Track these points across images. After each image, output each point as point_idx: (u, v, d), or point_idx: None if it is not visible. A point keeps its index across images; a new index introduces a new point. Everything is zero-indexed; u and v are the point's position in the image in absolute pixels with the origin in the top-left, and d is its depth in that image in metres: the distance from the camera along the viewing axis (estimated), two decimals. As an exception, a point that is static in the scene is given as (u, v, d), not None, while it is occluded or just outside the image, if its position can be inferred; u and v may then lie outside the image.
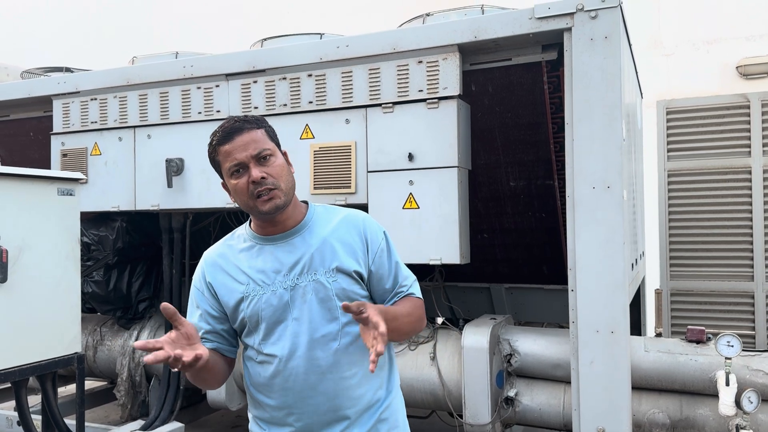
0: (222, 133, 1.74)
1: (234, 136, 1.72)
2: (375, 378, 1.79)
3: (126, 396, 4.48)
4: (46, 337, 3.19)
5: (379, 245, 1.82)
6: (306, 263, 1.75)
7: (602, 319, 3.01)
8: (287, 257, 1.76)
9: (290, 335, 1.72)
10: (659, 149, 6.56)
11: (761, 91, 6.23)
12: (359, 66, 3.53)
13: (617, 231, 2.99)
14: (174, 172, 3.95)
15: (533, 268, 4.25)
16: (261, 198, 1.70)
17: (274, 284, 1.75)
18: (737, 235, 6.26)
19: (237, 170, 1.72)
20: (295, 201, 1.83)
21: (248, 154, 1.70)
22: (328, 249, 1.76)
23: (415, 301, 1.86)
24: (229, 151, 1.71)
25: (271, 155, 1.74)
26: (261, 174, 1.69)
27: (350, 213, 1.86)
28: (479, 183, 3.80)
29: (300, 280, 1.74)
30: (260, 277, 1.76)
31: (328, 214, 1.85)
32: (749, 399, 2.92)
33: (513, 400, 3.50)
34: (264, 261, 1.77)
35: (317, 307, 1.73)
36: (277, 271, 1.75)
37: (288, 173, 1.77)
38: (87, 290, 4.40)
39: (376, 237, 1.83)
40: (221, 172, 1.78)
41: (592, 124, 3.04)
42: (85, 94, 4.30)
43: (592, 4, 3.04)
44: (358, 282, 1.78)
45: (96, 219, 4.46)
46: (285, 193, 1.73)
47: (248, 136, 1.72)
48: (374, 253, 1.81)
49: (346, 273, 1.75)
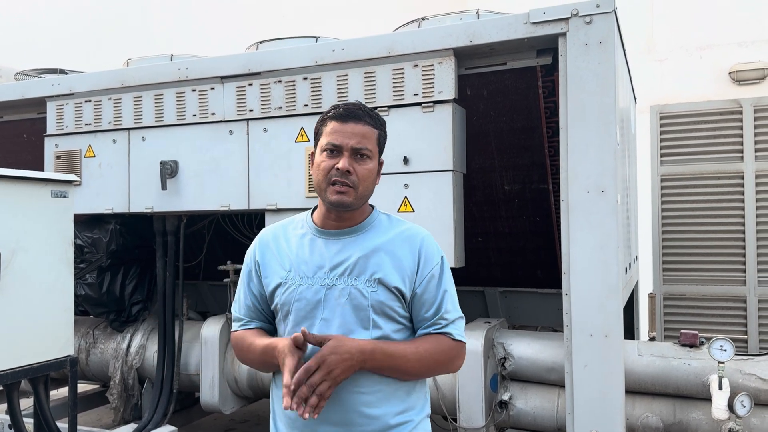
0: (342, 110, 1.74)
1: (350, 120, 1.72)
2: (398, 402, 1.71)
3: (119, 399, 4.45)
4: (39, 340, 3.17)
5: (431, 269, 1.74)
6: (350, 266, 1.72)
7: (596, 323, 3.02)
8: (334, 256, 1.74)
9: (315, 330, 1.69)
10: (653, 154, 6.59)
11: (754, 96, 6.27)
12: (355, 69, 3.54)
13: (611, 235, 3.01)
14: (168, 175, 3.94)
15: (527, 272, 4.26)
16: (334, 186, 1.69)
17: (312, 278, 1.73)
18: (730, 239, 6.29)
19: (331, 150, 1.71)
20: (365, 206, 1.80)
21: (350, 144, 1.70)
22: (375, 258, 1.72)
23: (442, 342, 1.73)
24: (337, 130, 1.71)
25: (369, 157, 1.73)
26: (348, 167, 1.68)
27: (411, 228, 1.80)
28: (474, 187, 3.81)
29: (339, 281, 1.71)
30: (303, 267, 1.75)
31: (390, 224, 1.81)
32: (742, 403, 2.93)
33: (507, 404, 3.50)
34: (311, 253, 1.76)
35: (350, 314, 1.69)
36: (320, 266, 1.73)
37: (372, 181, 1.75)
38: (80, 293, 4.37)
39: (431, 260, 1.75)
40: (317, 141, 1.77)
41: (586, 128, 3.06)
42: (79, 95, 4.29)
43: (586, 10, 3.05)
44: (399, 300, 1.72)
45: (89, 221, 4.44)
46: (358, 197, 1.72)
47: (362, 128, 1.72)
48: (423, 276, 1.73)
49: (387, 287, 1.70)
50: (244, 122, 3.82)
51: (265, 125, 3.76)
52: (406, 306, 1.74)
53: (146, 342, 4.49)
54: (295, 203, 3.67)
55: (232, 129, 3.84)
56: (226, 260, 4.25)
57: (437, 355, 1.72)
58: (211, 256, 4.68)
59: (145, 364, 4.46)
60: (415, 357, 1.69)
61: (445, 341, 1.74)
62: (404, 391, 1.74)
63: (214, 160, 3.89)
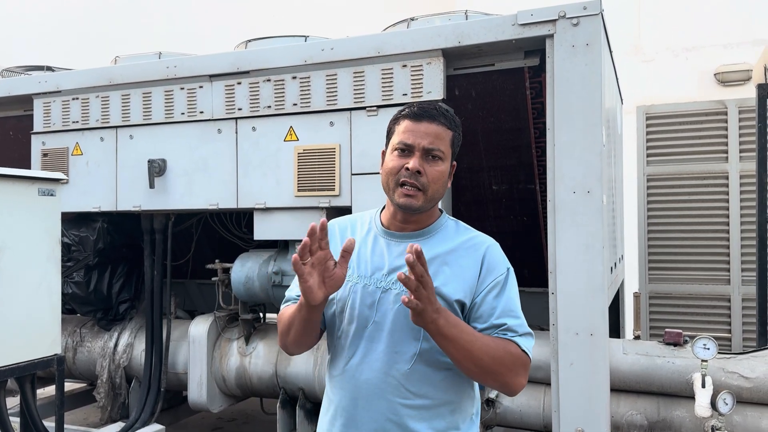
0: (417, 110, 1.70)
1: (424, 120, 1.67)
2: (440, 418, 1.64)
3: (106, 398, 4.44)
4: (26, 339, 3.15)
5: (494, 279, 1.67)
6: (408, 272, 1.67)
7: (582, 321, 3.05)
8: (394, 259, 1.69)
9: (367, 338, 1.66)
10: (639, 154, 6.65)
11: (738, 97, 6.35)
12: (344, 69, 3.55)
13: (597, 235, 3.04)
14: (156, 173, 3.93)
15: (515, 271, 4.28)
16: (403, 187, 1.64)
17: (370, 279, 1.69)
18: (714, 239, 6.36)
19: (403, 149, 1.66)
20: (433, 209, 1.74)
21: (422, 144, 1.65)
22: (436, 266, 1.66)
23: (511, 346, 1.61)
24: (410, 129, 1.67)
25: (441, 159, 1.67)
26: (419, 168, 1.63)
27: (477, 237, 1.74)
28: (462, 186, 3.83)
29: (396, 285, 1.65)
30: (363, 266, 1.71)
31: (457, 231, 1.75)
32: (724, 401, 2.98)
33: (494, 402, 3.53)
34: (373, 252, 1.72)
35: (402, 320, 1.63)
36: (379, 268, 1.70)
37: (442, 184, 1.68)
38: (67, 291, 4.36)
39: (495, 270, 1.68)
40: (389, 140, 1.74)
41: (572, 129, 3.09)
42: (66, 93, 4.27)
43: (573, 12, 3.08)
44: (456, 311, 1.64)
45: (77, 219, 4.42)
46: (427, 199, 1.66)
47: (435, 128, 1.67)
48: (485, 285, 1.66)
49: (444, 297, 1.62)
50: (232, 121, 3.82)
51: (254, 124, 3.76)
52: (463, 318, 1.66)
53: (134, 340, 4.48)
54: (283, 202, 3.67)
55: (220, 128, 3.84)
56: (214, 259, 4.25)
57: (502, 353, 1.59)
58: (200, 254, 4.67)
59: (132, 362, 4.45)
60: (481, 342, 1.58)
61: (513, 346, 1.62)
62: (449, 409, 1.67)
63: (203, 159, 3.88)
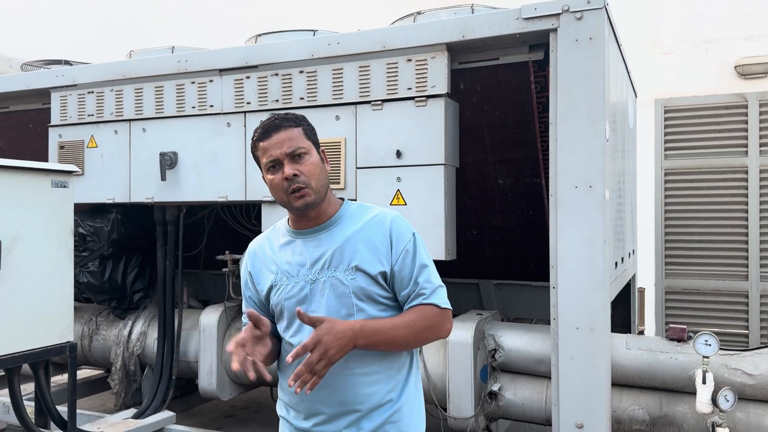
0: (261, 130, 1.84)
1: (272, 134, 1.81)
2: (388, 380, 1.83)
3: (120, 385, 4.55)
4: (39, 326, 3.26)
5: (404, 246, 1.83)
6: (328, 259, 1.82)
7: (582, 316, 3.06)
8: (312, 252, 1.85)
9: (308, 328, 1.76)
10: (656, 148, 6.57)
11: (759, 90, 6.22)
12: (350, 63, 3.57)
13: (598, 230, 3.03)
14: (168, 166, 4.01)
15: (521, 265, 4.30)
16: (294, 194, 1.79)
17: (297, 276, 1.84)
18: (733, 234, 6.28)
19: (273, 166, 1.81)
20: (330, 197, 1.90)
21: (283, 152, 1.79)
22: (350, 247, 1.82)
23: (427, 310, 1.81)
24: (266, 148, 1.81)
25: (306, 153, 1.82)
26: (293, 171, 1.78)
27: (380, 212, 1.89)
28: (468, 180, 3.84)
29: (321, 275, 1.82)
30: (287, 268, 1.87)
31: (361, 212, 1.90)
32: (726, 397, 2.96)
33: (497, 395, 3.56)
34: (293, 254, 1.88)
35: (334, 302, 1.79)
36: (302, 264, 1.85)
37: (321, 171, 1.84)
38: (82, 280, 4.47)
39: (403, 238, 1.84)
40: (260, 166, 1.88)
41: (575, 124, 3.08)
42: (82, 87, 4.36)
43: (577, 6, 3.06)
44: (378, 283, 1.81)
45: (92, 210, 4.53)
46: (315, 191, 1.81)
47: (285, 134, 1.81)
48: (398, 253, 1.82)
49: (365, 272, 1.80)
50: (241, 115, 3.87)
51: (263, 118, 3.78)
52: (388, 286, 1.83)
53: (147, 329, 4.58)
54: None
55: (229, 121, 3.90)
56: (226, 250, 4.32)
57: (424, 321, 1.80)
58: (212, 245, 4.75)
59: (145, 350, 4.55)
60: (403, 325, 1.78)
61: (431, 309, 1.82)
62: (395, 370, 1.84)
63: (212, 152, 3.95)
